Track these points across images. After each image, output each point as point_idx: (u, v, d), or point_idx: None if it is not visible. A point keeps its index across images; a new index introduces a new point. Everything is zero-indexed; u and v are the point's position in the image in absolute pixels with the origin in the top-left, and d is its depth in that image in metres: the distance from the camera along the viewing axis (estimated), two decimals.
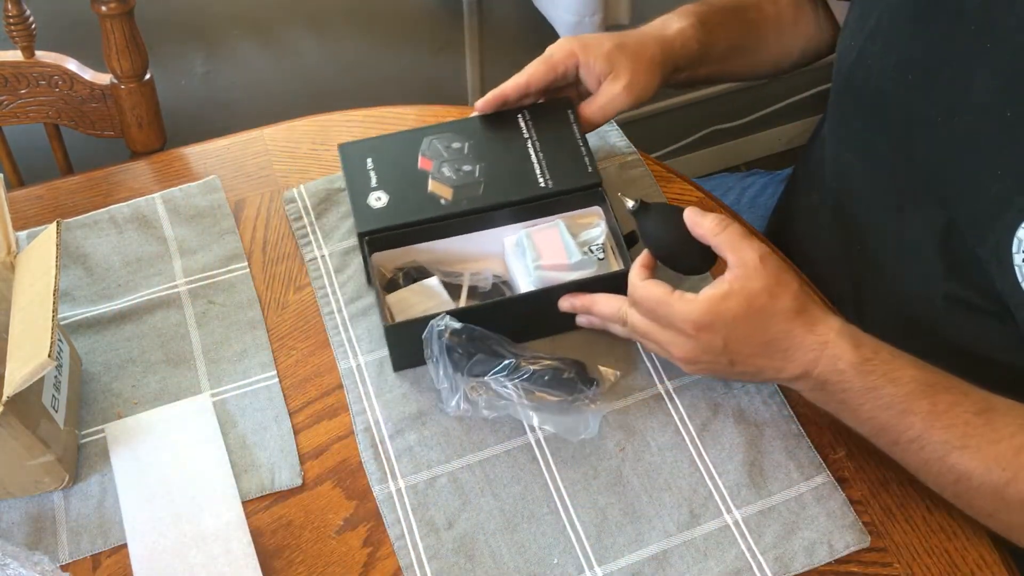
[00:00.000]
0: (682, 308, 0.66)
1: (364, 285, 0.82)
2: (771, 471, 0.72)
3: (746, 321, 0.65)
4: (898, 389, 0.64)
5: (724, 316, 0.65)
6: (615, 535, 0.69)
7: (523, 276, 0.78)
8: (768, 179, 1.14)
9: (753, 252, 0.66)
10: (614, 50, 0.80)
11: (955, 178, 0.70)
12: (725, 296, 0.65)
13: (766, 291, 0.65)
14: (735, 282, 0.65)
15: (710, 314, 0.65)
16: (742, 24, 0.90)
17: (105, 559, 0.69)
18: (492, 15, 1.49)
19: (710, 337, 0.66)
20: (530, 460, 0.73)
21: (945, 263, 0.73)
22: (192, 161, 0.93)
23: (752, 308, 0.65)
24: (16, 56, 0.97)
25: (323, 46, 1.42)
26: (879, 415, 0.65)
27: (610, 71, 0.80)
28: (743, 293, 0.65)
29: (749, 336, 0.66)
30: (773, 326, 0.66)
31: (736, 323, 0.65)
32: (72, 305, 0.82)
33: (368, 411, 0.75)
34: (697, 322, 0.66)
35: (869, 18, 0.77)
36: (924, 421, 0.63)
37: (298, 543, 0.70)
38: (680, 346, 0.68)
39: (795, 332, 0.65)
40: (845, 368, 0.64)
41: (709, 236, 0.68)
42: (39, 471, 0.69)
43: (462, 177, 0.79)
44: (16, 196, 0.90)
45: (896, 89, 0.74)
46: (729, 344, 0.66)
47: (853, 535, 0.69)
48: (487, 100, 0.82)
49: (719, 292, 0.66)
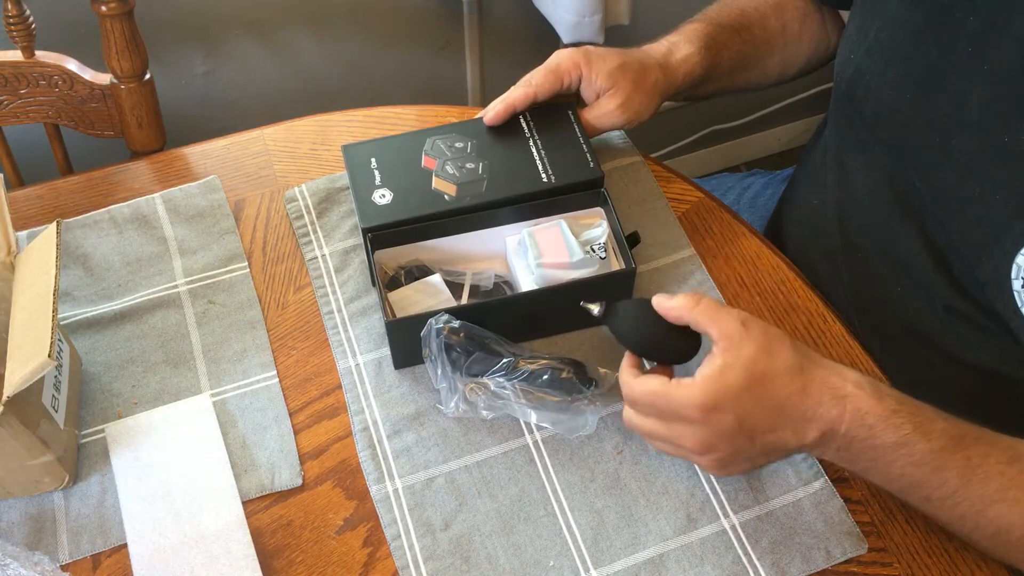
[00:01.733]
0: (683, 394, 0.62)
1: (364, 285, 0.83)
2: (769, 476, 0.72)
3: (752, 390, 0.61)
4: (931, 444, 0.60)
5: (728, 392, 0.61)
6: (612, 538, 0.69)
7: (525, 275, 0.78)
8: (768, 179, 1.14)
9: (732, 320, 0.62)
10: (617, 70, 0.82)
11: (953, 200, 0.69)
12: (722, 370, 0.61)
13: (762, 352, 0.61)
14: (726, 354, 0.61)
15: (713, 393, 0.61)
16: (747, 42, 0.90)
17: (105, 559, 0.69)
18: (492, 15, 1.49)
19: (720, 418, 0.61)
20: (527, 462, 0.73)
21: (944, 278, 0.73)
22: (192, 161, 0.93)
23: (753, 375, 0.61)
24: (16, 56, 0.97)
25: (323, 46, 1.42)
26: (912, 472, 0.61)
27: (610, 88, 0.82)
28: (739, 362, 0.61)
29: (759, 404, 0.61)
30: (782, 387, 0.61)
31: (742, 395, 0.61)
32: (72, 305, 0.82)
33: (366, 411, 0.76)
34: (702, 405, 0.61)
35: (868, 32, 0.76)
36: (960, 477, 0.60)
37: (298, 543, 0.70)
38: (691, 436, 0.63)
39: (809, 388, 0.61)
40: (874, 423, 0.60)
41: (684, 315, 0.64)
42: (39, 471, 0.69)
43: (465, 174, 0.80)
44: (16, 196, 0.91)
45: (895, 107, 0.74)
46: (742, 420, 0.62)
47: (851, 541, 0.69)
48: (497, 112, 0.82)
49: (715, 368, 0.61)
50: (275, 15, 1.36)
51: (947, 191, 0.69)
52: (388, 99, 1.50)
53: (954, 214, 0.69)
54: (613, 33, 1.50)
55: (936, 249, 0.73)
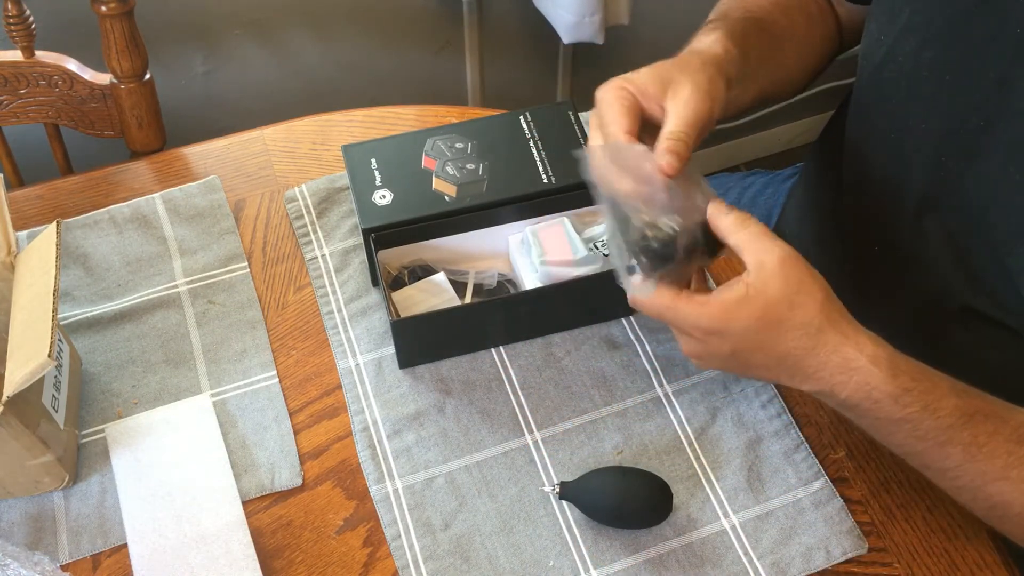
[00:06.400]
0: (690, 312, 0.62)
1: (364, 285, 0.83)
2: (769, 476, 0.72)
3: (758, 332, 0.60)
4: (938, 422, 0.60)
5: (736, 324, 0.60)
6: (612, 538, 0.69)
7: (528, 272, 0.78)
8: (768, 179, 1.13)
9: (772, 255, 0.60)
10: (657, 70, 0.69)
11: (987, 187, 0.68)
12: (738, 302, 0.60)
13: (785, 301, 0.59)
14: (751, 287, 0.60)
15: (721, 320, 0.61)
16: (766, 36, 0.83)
17: (105, 559, 0.69)
18: (492, 15, 1.49)
19: (717, 341, 0.62)
20: (527, 462, 0.73)
21: (965, 273, 0.72)
22: (192, 161, 0.93)
23: (767, 318, 0.60)
24: (16, 56, 0.97)
25: (323, 46, 1.42)
26: (914, 444, 0.62)
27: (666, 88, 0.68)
28: (758, 301, 0.59)
29: (761, 347, 0.61)
30: (790, 340, 0.60)
31: (748, 333, 0.60)
32: (72, 305, 0.82)
33: (366, 411, 0.76)
34: (706, 328, 0.61)
35: (900, 14, 0.74)
36: (963, 453, 0.60)
37: (298, 543, 0.70)
38: (686, 344, 0.65)
39: (816, 352, 0.60)
40: (880, 398, 0.60)
41: (727, 234, 0.62)
42: (39, 471, 0.69)
43: (466, 175, 0.80)
44: (16, 196, 0.91)
45: (930, 91, 0.72)
46: (738, 352, 0.62)
47: (851, 541, 0.69)
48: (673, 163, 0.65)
49: (732, 296, 0.60)
50: (275, 15, 1.36)
51: (982, 178, 0.68)
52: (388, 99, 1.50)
53: (989, 200, 0.68)
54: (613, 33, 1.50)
55: (959, 244, 0.72)
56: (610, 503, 0.68)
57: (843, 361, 0.60)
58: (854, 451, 0.73)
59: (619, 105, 0.67)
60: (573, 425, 0.75)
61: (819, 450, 0.73)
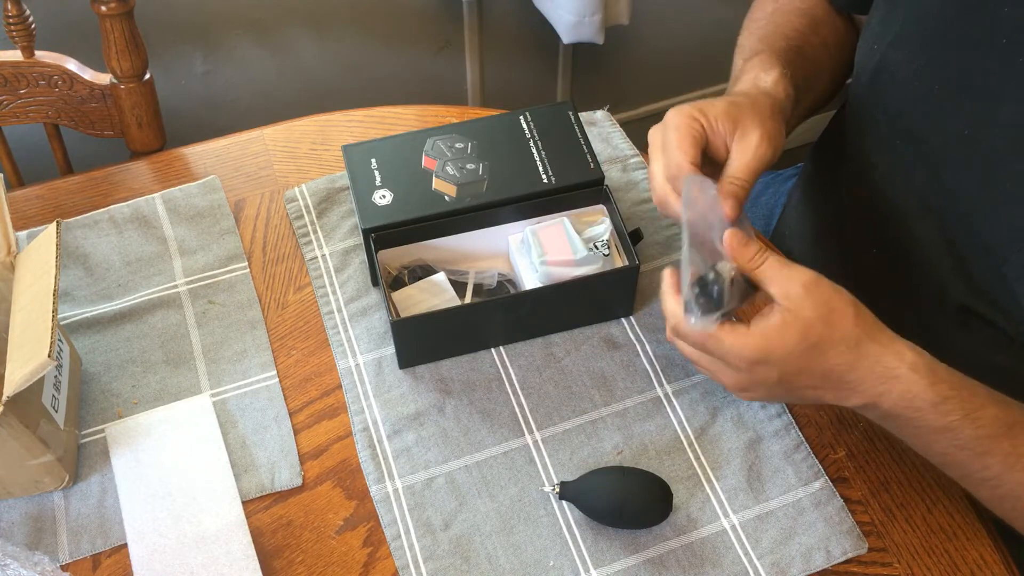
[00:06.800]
0: (733, 342, 0.62)
1: (364, 285, 0.83)
2: (769, 476, 0.72)
3: (802, 355, 0.61)
4: (978, 431, 0.60)
5: (778, 351, 0.61)
6: (612, 538, 0.69)
7: (529, 272, 0.78)
8: (769, 179, 1.13)
9: (797, 281, 0.61)
10: (731, 108, 0.70)
11: (979, 195, 0.68)
12: (778, 329, 0.61)
13: (821, 320, 0.60)
14: (787, 313, 0.61)
15: (764, 350, 0.61)
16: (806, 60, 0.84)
17: (105, 559, 0.69)
18: (492, 15, 1.49)
19: (764, 370, 0.63)
20: (527, 462, 0.73)
21: (962, 278, 0.72)
22: (192, 161, 0.93)
23: (808, 340, 0.61)
24: (16, 56, 0.97)
25: (323, 46, 1.42)
26: (954, 453, 0.62)
27: (735, 128, 0.69)
28: (797, 325, 0.60)
29: (806, 369, 0.62)
30: (833, 358, 0.61)
31: (791, 358, 0.61)
32: (72, 305, 0.82)
33: (366, 411, 0.76)
34: (750, 358, 0.62)
35: (892, 23, 0.75)
36: (1003, 463, 0.61)
37: (298, 543, 0.70)
38: (731, 377, 0.65)
39: (859, 364, 0.61)
40: (922, 406, 0.60)
41: (747, 267, 0.63)
42: (39, 471, 0.69)
43: (466, 175, 0.80)
44: (16, 196, 0.91)
45: (921, 99, 0.73)
46: (784, 377, 0.63)
47: (851, 541, 0.69)
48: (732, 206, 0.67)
49: (773, 324, 0.61)
50: (275, 15, 1.36)
51: (974, 186, 0.69)
52: (388, 99, 1.50)
53: (981, 210, 0.68)
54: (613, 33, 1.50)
55: (956, 248, 0.72)
56: (610, 503, 0.68)
57: (885, 371, 0.61)
58: (854, 451, 0.73)
59: (690, 136, 0.68)
60: (573, 425, 0.75)
61: (819, 450, 0.73)
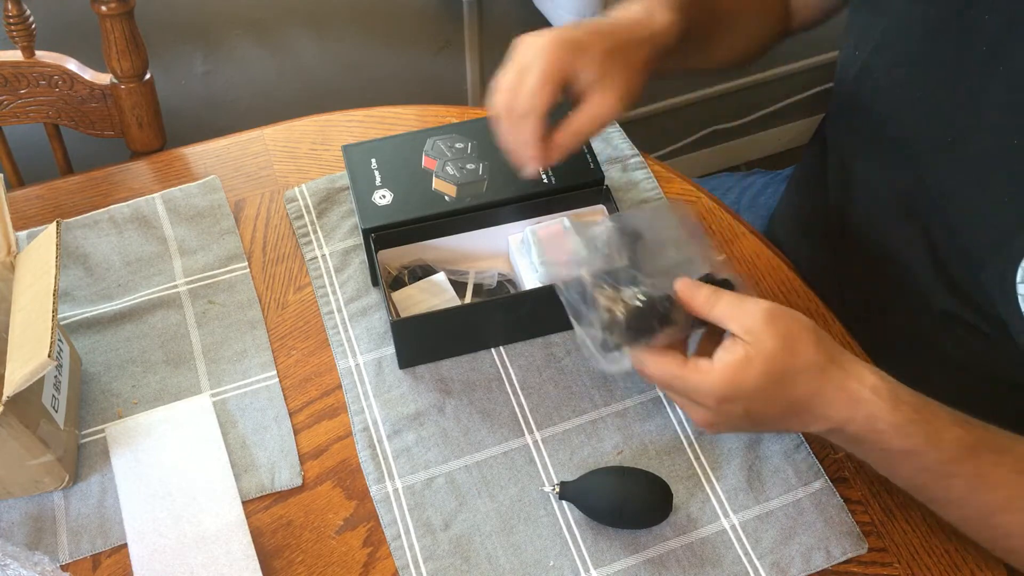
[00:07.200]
0: (699, 380, 0.61)
1: (364, 285, 0.83)
2: (769, 476, 0.72)
3: (768, 387, 0.60)
4: (941, 454, 0.60)
5: (743, 386, 0.60)
6: (612, 538, 0.69)
7: (529, 272, 0.78)
8: (768, 179, 1.13)
9: (755, 315, 0.61)
10: (607, 58, 0.70)
11: (961, 201, 0.68)
12: (742, 364, 0.60)
13: (784, 350, 0.60)
14: (748, 348, 0.60)
15: (730, 386, 0.60)
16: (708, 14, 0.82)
17: (105, 559, 0.69)
18: (492, 15, 1.49)
19: (730, 407, 0.62)
20: (527, 462, 0.73)
21: (944, 282, 0.73)
22: (192, 161, 0.93)
23: (772, 373, 0.60)
24: (16, 56, 0.97)
25: (323, 46, 1.42)
26: (918, 476, 0.62)
27: (601, 77, 0.70)
28: (760, 358, 0.60)
29: (772, 400, 0.61)
30: (799, 386, 0.61)
31: (757, 392, 0.60)
32: (72, 305, 0.82)
33: (366, 411, 0.76)
34: (718, 396, 0.61)
35: (874, 29, 0.75)
36: (967, 484, 0.61)
37: (298, 543, 0.70)
38: (698, 414, 0.64)
39: (823, 390, 0.61)
40: (885, 429, 0.60)
41: (703, 312, 0.63)
42: (39, 471, 0.69)
43: (466, 175, 0.80)
44: (16, 196, 0.91)
45: (903, 106, 0.73)
46: (751, 411, 0.62)
47: (851, 541, 0.69)
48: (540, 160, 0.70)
49: (737, 359, 0.60)
50: (275, 15, 1.36)
51: (956, 192, 0.69)
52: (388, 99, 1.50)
53: (962, 216, 0.68)
54: None
55: (938, 253, 0.72)
56: (610, 503, 0.68)
57: (849, 395, 0.60)
58: None
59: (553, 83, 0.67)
60: (573, 425, 0.75)
61: (819, 450, 0.73)
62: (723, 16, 0.83)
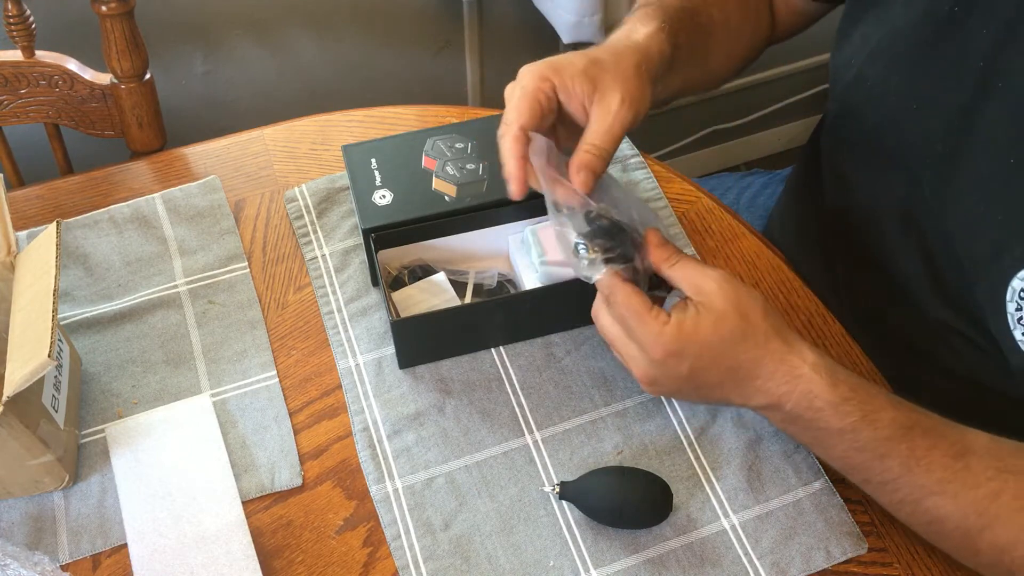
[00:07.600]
0: (653, 329, 0.62)
1: (364, 285, 0.83)
2: (769, 476, 0.72)
3: (714, 347, 0.62)
4: (876, 432, 0.61)
5: (692, 341, 0.62)
6: (612, 538, 0.69)
7: (528, 273, 0.78)
8: (768, 179, 1.14)
9: (708, 277, 0.63)
10: (590, 66, 0.68)
11: (954, 214, 0.68)
12: (693, 320, 0.62)
13: (733, 311, 0.62)
14: (699, 306, 0.62)
15: (679, 339, 0.62)
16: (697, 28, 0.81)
17: (105, 559, 0.69)
18: (492, 15, 1.49)
19: (675, 363, 0.63)
20: (527, 462, 0.73)
21: (940, 293, 0.72)
22: (192, 161, 0.93)
23: (720, 331, 0.62)
24: (16, 56, 0.97)
25: (323, 46, 1.42)
26: (854, 456, 0.63)
27: (594, 90, 0.67)
28: (710, 316, 0.62)
29: (715, 362, 0.63)
30: (742, 352, 0.62)
31: (703, 349, 0.62)
32: (72, 305, 0.82)
33: (366, 411, 0.76)
34: (665, 347, 0.62)
35: (871, 38, 0.75)
36: (902, 465, 0.61)
37: (298, 543, 0.70)
38: (642, 366, 0.65)
39: (765, 361, 0.62)
40: (822, 406, 0.61)
41: (662, 267, 0.65)
42: (39, 471, 0.69)
43: (466, 175, 0.80)
44: (16, 196, 0.91)
45: (898, 117, 0.72)
46: (694, 372, 0.63)
47: (851, 541, 0.69)
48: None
49: (686, 317, 0.62)
50: (275, 15, 1.36)
51: (951, 205, 0.68)
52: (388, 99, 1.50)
53: (957, 229, 0.68)
54: None
55: (934, 265, 0.72)
56: (610, 503, 0.68)
57: (788, 370, 0.62)
58: None
59: (532, 99, 0.67)
60: (573, 425, 0.75)
61: None
62: (712, 27, 0.83)
